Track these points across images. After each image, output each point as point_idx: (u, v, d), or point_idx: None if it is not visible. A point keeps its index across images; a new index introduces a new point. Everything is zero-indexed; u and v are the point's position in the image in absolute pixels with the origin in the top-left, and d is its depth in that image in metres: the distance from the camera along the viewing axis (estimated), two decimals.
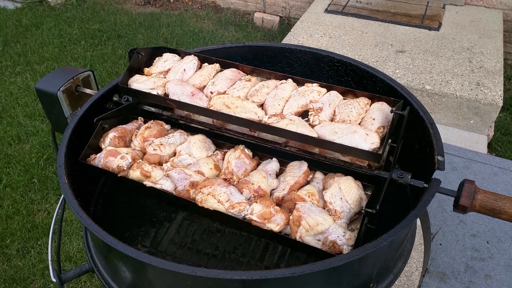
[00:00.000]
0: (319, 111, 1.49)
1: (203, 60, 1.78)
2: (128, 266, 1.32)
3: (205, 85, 1.65)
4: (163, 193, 1.44)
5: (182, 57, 1.79)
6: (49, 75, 1.84)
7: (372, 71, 1.79)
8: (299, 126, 1.43)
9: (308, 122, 1.48)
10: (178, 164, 1.52)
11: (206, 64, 1.76)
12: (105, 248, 1.41)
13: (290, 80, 1.65)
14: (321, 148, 1.46)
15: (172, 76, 1.69)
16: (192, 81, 1.66)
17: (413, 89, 3.56)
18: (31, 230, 3.18)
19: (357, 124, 1.44)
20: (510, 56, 4.91)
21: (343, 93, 1.59)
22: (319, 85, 1.60)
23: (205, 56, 1.78)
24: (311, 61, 1.95)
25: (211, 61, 1.77)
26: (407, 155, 1.61)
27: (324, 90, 1.58)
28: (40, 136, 4.00)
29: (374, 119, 1.43)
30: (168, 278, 1.24)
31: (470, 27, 4.41)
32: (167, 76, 1.70)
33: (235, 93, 1.59)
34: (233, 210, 1.32)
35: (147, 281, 1.31)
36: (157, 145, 1.56)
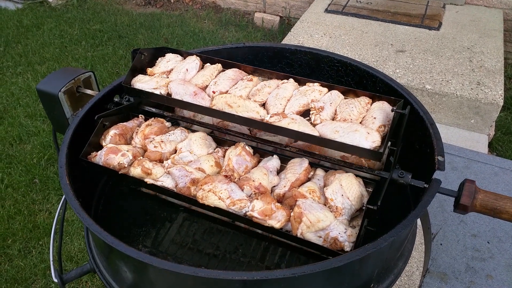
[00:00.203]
0: (321, 110, 1.50)
1: (205, 60, 1.78)
2: (129, 267, 1.32)
3: (207, 85, 1.66)
4: (164, 190, 1.44)
5: (185, 58, 1.79)
6: (50, 76, 1.84)
7: (372, 71, 1.80)
8: (301, 125, 1.43)
9: (310, 121, 1.49)
10: (179, 161, 1.51)
11: (208, 64, 1.76)
12: (106, 249, 1.41)
13: (292, 80, 1.65)
14: (323, 147, 1.47)
15: (175, 76, 1.69)
16: (195, 81, 1.67)
17: (413, 89, 3.56)
18: (33, 230, 3.18)
19: (358, 123, 1.45)
20: (511, 56, 4.90)
21: (344, 93, 1.59)
22: (321, 85, 1.61)
23: (207, 56, 1.78)
24: (311, 62, 1.95)
25: (213, 61, 1.77)
26: (408, 155, 1.61)
27: (326, 90, 1.59)
28: (41, 137, 4.01)
29: (375, 118, 1.44)
30: (169, 279, 1.25)
31: (471, 27, 4.40)
32: (170, 76, 1.71)
33: (237, 93, 1.59)
34: (234, 207, 1.31)
35: (148, 282, 1.31)
36: (158, 143, 1.56)
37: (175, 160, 1.52)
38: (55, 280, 1.53)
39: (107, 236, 1.18)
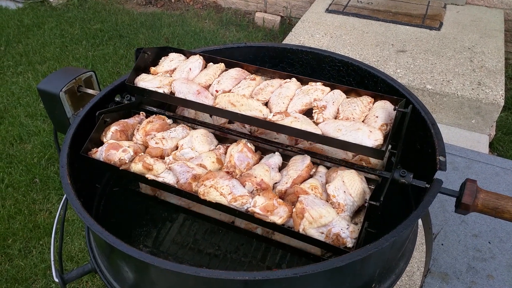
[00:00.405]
0: (323, 109, 1.50)
1: (208, 60, 1.79)
2: (131, 266, 1.32)
3: (211, 84, 1.67)
4: (165, 186, 1.43)
5: (188, 57, 1.80)
6: (51, 76, 1.84)
7: (374, 71, 1.79)
8: (304, 124, 1.43)
9: (313, 120, 1.49)
10: (180, 158, 1.51)
11: (211, 64, 1.77)
12: (108, 248, 1.41)
13: (294, 79, 1.66)
14: (325, 145, 1.47)
15: (178, 75, 1.70)
16: (198, 80, 1.68)
17: (414, 89, 3.56)
18: (33, 230, 3.18)
19: (361, 122, 1.45)
20: (511, 56, 4.91)
21: (346, 92, 1.60)
22: (323, 84, 1.61)
23: (210, 56, 1.79)
24: (313, 61, 1.95)
25: (216, 61, 1.78)
26: (409, 156, 1.61)
27: (328, 89, 1.60)
28: (42, 136, 4.01)
29: (377, 117, 1.45)
30: (170, 279, 1.24)
31: (471, 27, 4.40)
32: (173, 75, 1.71)
33: (240, 92, 1.60)
34: (236, 203, 1.31)
35: (149, 281, 1.31)
36: (159, 139, 1.56)
37: (177, 156, 1.51)
38: (56, 280, 1.52)
39: (109, 236, 1.18)
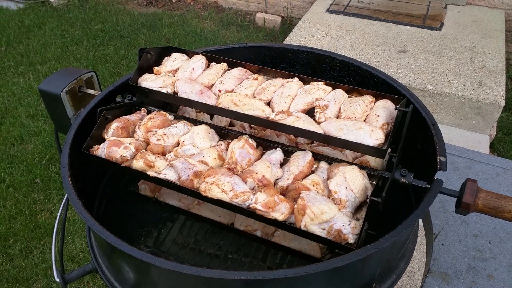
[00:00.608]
0: (325, 109, 1.51)
1: (211, 60, 1.80)
2: (132, 266, 1.32)
3: (213, 84, 1.68)
4: (167, 183, 1.43)
5: (190, 57, 1.81)
6: (52, 76, 1.85)
7: (374, 72, 1.80)
8: (306, 123, 1.44)
9: (314, 119, 1.50)
10: (182, 154, 1.51)
11: (214, 64, 1.78)
12: (109, 248, 1.41)
13: (296, 79, 1.67)
14: (327, 144, 1.47)
15: (181, 75, 1.71)
16: (201, 80, 1.69)
17: (415, 89, 3.56)
18: (34, 230, 3.19)
19: (362, 121, 1.46)
20: None
21: (348, 92, 1.61)
22: (325, 84, 1.62)
23: (213, 56, 1.80)
24: (313, 62, 1.95)
25: (219, 61, 1.79)
26: (409, 156, 1.61)
27: (330, 88, 1.61)
28: (43, 137, 4.01)
29: (379, 116, 1.45)
30: (171, 279, 1.25)
31: (472, 27, 4.40)
32: (176, 75, 1.72)
33: (243, 91, 1.61)
34: (237, 200, 1.31)
35: (150, 281, 1.31)
36: (161, 136, 1.56)
37: (178, 153, 1.51)
38: (57, 280, 1.52)
39: (110, 236, 1.18)
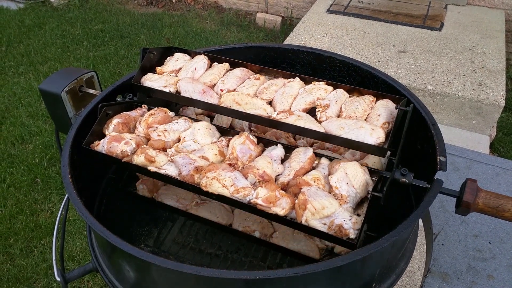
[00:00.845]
0: (326, 108, 1.53)
1: (213, 60, 1.82)
2: (132, 266, 1.33)
3: (215, 83, 1.69)
4: (167, 178, 1.43)
5: (193, 57, 1.82)
6: (53, 76, 1.85)
7: (375, 72, 1.80)
8: (307, 122, 1.45)
9: (316, 119, 1.51)
10: (183, 150, 1.51)
11: (216, 63, 1.80)
12: (109, 248, 1.42)
13: (298, 79, 1.68)
14: (329, 143, 1.48)
15: (184, 75, 1.72)
16: (203, 79, 1.70)
17: (415, 89, 3.56)
18: (34, 230, 3.19)
19: (363, 120, 1.47)
20: None
21: (349, 91, 1.62)
22: (326, 83, 1.64)
23: (215, 56, 1.81)
24: (314, 62, 1.96)
25: (221, 61, 1.80)
26: (409, 156, 1.62)
27: (331, 88, 1.62)
28: (43, 136, 4.01)
29: (380, 115, 1.47)
30: (172, 278, 1.25)
31: (472, 27, 4.40)
32: (179, 75, 1.73)
33: (245, 91, 1.63)
34: (238, 195, 1.30)
35: (151, 281, 1.32)
36: (161, 131, 1.56)
37: (179, 149, 1.51)
38: (58, 279, 1.53)
39: (110, 235, 1.18)
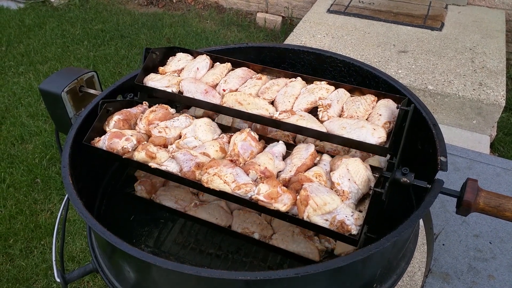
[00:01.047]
0: (328, 108, 1.53)
1: (215, 60, 1.82)
2: (132, 266, 1.33)
3: (218, 83, 1.70)
4: (168, 175, 1.42)
5: (195, 57, 1.83)
6: (53, 76, 1.85)
7: (375, 72, 1.80)
8: (309, 122, 1.46)
9: (318, 118, 1.52)
10: (184, 146, 1.51)
11: (218, 63, 1.80)
12: (109, 248, 1.41)
13: (299, 78, 1.69)
14: (330, 143, 1.48)
15: (186, 75, 1.73)
16: (205, 79, 1.70)
17: (416, 89, 3.56)
18: (34, 230, 3.19)
19: (365, 120, 1.48)
20: None
21: (350, 91, 1.63)
22: (327, 83, 1.65)
23: (217, 56, 1.82)
24: (314, 62, 1.95)
25: (223, 60, 1.81)
26: (410, 156, 1.61)
27: (332, 88, 1.63)
28: (43, 136, 4.01)
29: (381, 115, 1.47)
30: (172, 279, 1.25)
31: (473, 27, 4.40)
32: (181, 75, 1.74)
33: (247, 91, 1.63)
34: (240, 191, 1.30)
35: (151, 281, 1.31)
36: (162, 128, 1.55)
37: (180, 145, 1.51)
38: (58, 280, 1.52)
39: (111, 236, 1.18)
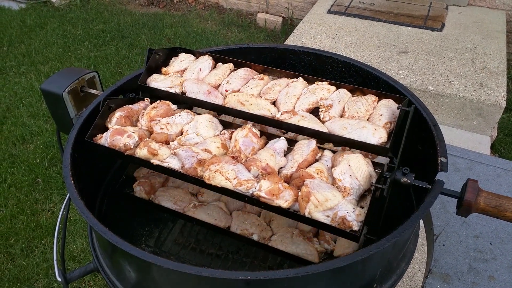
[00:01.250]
0: (329, 108, 1.54)
1: (217, 60, 1.83)
2: (133, 266, 1.33)
3: (220, 84, 1.71)
4: (170, 171, 1.43)
5: (197, 57, 1.84)
6: (55, 76, 1.85)
7: (376, 73, 1.80)
8: (311, 122, 1.47)
9: (319, 118, 1.53)
10: (185, 143, 1.51)
11: (220, 64, 1.81)
12: (110, 248, 1.42)
13: (301, 79, 1.70)
14: (331, 143, 1.49)
15: (189, 75, 1.74)
16: (208, 80, 1.71)
17: (416, 90, 3.56)
18: (35, 230, 3.19)
19: (366, 120, 1.49)
20: None
21: (352, 91, 1.64)
22: (329, 83, 1.66)
23: (219, 56, 1.83)
24: (315, 62, 1.96)
25: (225, 61, 1.82)
26: (410, 157, 1.62)
27: (334, 88, 1.64)
28: (44, 136, 4.02)
29: (382, 115, 1.48)
30: (173, 278, 1.25)
31: (473, 28, 4.40)
32: (184, 75, 1.75)
33: (249, 91, 1.64)
34: (241, 188, 1.30)
35: (152, 281, 1.32)
36: (164, 125, 1.56)
37: (182, 142, 1.51)
38: (59, 279, 1.53)
39: (112, 236, 1.18)
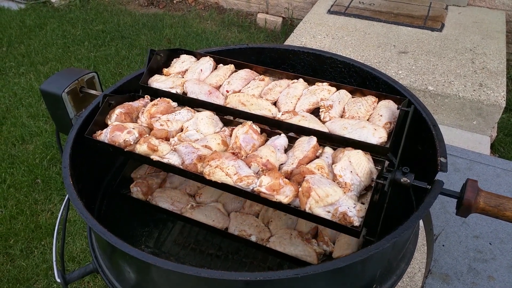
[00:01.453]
0: (330, 108, 1.56)
1: (218, 61, 1.85)
2: (132, 267, 1.33)
3: (221, 85, 1.73)
4: (170, 167, 1.42)
5: (198, 58, 1.85)
6: (54, 77, 1.85)
7: (375, 73, 1.80)
8: (311, 122, 1.48)
9: (319, 119, 1.54)
10: (185, 139, 1.51)
11: (221, 65, 1.83)
12: (110, 249, 1.42)
13: (301, 80, 1.72)
14: (332, 142, 1.49)
15: (190, 76, 1.75)
16: (209, 81, 1.73)
17: (416, 90, 3.56)
18: (35, 231, 3.19)
19: (366, 120, 1.50)
20: None
21: (352, 92, 1.65)
22: (329, 84, 1.67)
23: (220, 57, 1.84)
24: (314, 63, 1.96)
25: (226, 62, 1.83)
26: (410, 157, 1.61)
27: (334, 89, 1.65)
28: (44, 137, 4.02)
29: (382, 116, 1.49)
30: (172, 279, 1.25)
31: (473, 28, 4.40)
32: (185, 76, 1.76)
33: (250, 92, 1.66)
34: (242, 183, 1.30)
35: (151, 282, 1.32)
36: (164, 121, 1.56)
37: (182, 138, 1.51)
38: (58, 280, 1.53)
39: (111, 237, 1.18)
